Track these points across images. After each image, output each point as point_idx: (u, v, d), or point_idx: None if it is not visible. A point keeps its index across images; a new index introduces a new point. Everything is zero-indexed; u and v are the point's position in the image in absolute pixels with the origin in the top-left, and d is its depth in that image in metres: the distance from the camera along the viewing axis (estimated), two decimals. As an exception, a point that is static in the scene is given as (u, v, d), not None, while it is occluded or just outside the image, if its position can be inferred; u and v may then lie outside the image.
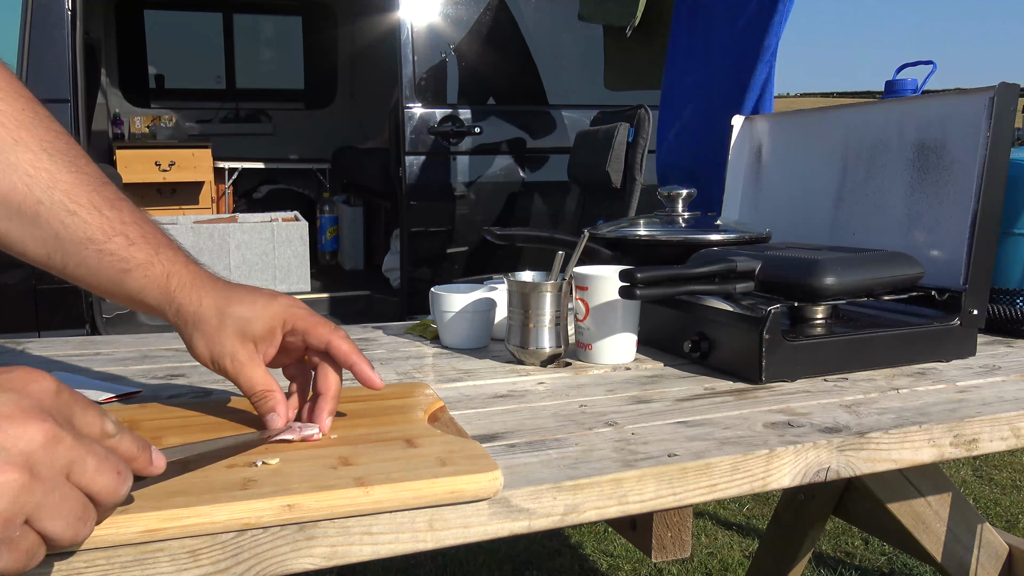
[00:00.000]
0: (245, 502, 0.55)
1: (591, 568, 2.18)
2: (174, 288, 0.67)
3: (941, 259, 1.07)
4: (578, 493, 0.64)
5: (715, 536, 2.35)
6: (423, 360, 1.04)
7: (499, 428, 0.77)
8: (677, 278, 0.94)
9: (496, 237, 1.32)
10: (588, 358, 1.01)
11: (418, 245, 3.28)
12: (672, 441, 0.73)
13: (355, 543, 0.58)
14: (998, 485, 2.72)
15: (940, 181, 1.09)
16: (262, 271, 3.71)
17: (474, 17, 3.32)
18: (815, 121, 1.33)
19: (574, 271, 1.01)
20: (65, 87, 2.76)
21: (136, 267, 0.66)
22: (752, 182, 1.42)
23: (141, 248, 0.66)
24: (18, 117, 0.63)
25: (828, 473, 0.74)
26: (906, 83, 1.60)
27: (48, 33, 2.75)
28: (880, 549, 2.24)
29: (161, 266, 0.67)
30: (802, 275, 0.96)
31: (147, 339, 1.15)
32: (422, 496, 0.58)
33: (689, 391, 0.89)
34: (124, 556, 0.53)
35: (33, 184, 0.63)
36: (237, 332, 0.68)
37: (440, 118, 3.21)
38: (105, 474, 0.46)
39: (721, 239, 1.16)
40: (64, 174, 0.64)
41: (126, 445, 0.50)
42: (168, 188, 4.87)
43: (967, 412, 0.82)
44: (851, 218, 1.22)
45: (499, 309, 1.10)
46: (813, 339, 0.96)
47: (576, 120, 3.31)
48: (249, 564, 0.56)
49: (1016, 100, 1.03)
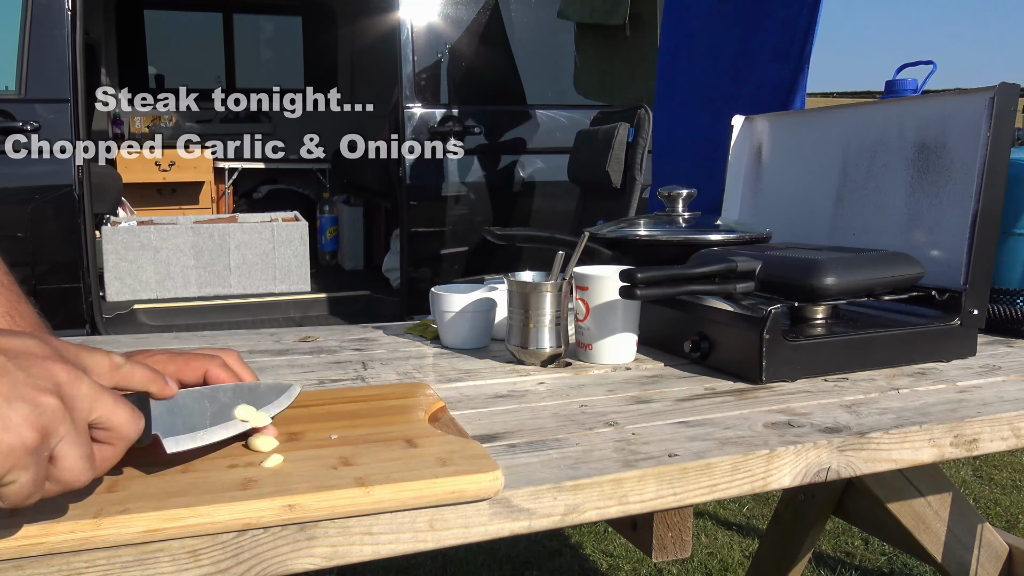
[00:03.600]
0: (246, 502, 0.55)
1: (591, 568, 2.18)
2: None
3: (941, 259, 1.07)
4: (578, 493, 0.64)
5: (715, 536, 2.35)
6: (423, 360, 1.04)
7: (499, 428, 0.77)
8: (677, 278, 0.94)
9: (496, 237, 1.32)
10: (588, 358, 1.01)
11: (418, 245, 3.28)
12: (672, 441, 0.73)
13: (355, 543, 0.58)
14: (998, 485, 2.72)
15: (940, 181, 1.09)
16: (262, 271, 3.71)
17: (474, 17, 3.33)
18: (815, 121, 1.33)
19: (574, 271, 1.01)
20: (65, 87, 2.76)
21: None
22: (752, 182, 1.42)
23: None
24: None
25: (828, 473, 0.74)
26: (906, 83, 1.60)
27: (48, 33, 2.75)
28: (880, 549, 2.24)
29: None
30: (802, 275, 0.96)
31: (147, 339, 1.15)
32: (423, 496, 0.58)
33: (689, 391, 0.89)
34: (125, 556, 0.53)
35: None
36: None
37: (440, 118, 3.21)
38: (122, 407, 0.50)
39: (721, 239, 1.16)
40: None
41: (139, 372, 0.55)
42: (168, 188, 4.87)
43: (967, 412, 0.82)
44: (851, 218, 1.22)
45: (499, 309, 1.10)
46: (813, 339, 0.95)
47: (576, 120, 3.31)
48: (250, 564, 0.56)
49: (1016, 100, 1.03)
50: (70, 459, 0.47)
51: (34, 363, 0.47)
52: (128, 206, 4.27)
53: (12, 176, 2.72)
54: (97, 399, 0.49)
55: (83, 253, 2.84)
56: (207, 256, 3.63)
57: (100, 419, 0.49)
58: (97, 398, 0.49)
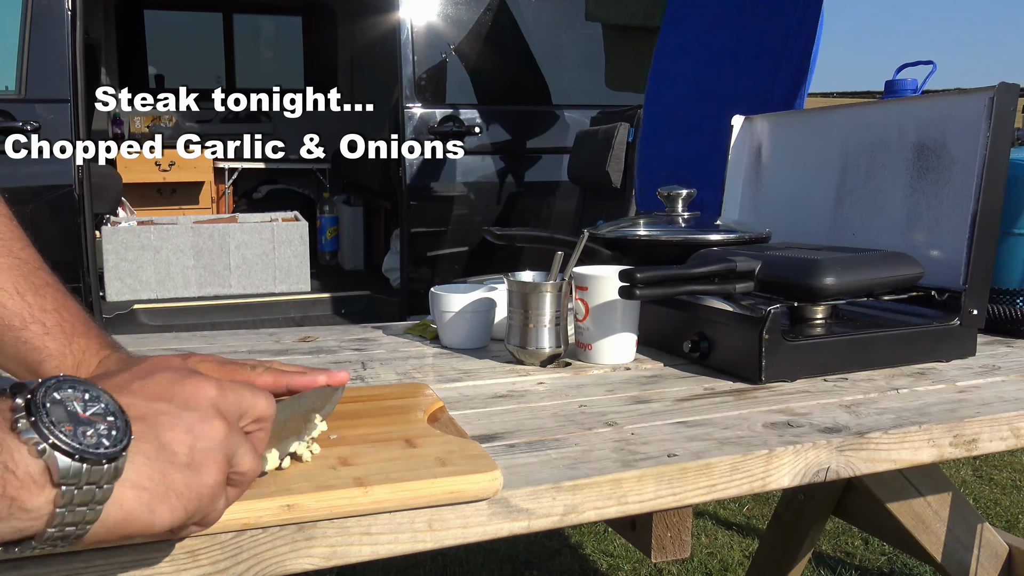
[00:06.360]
0: (244, 502, 0.55)
1: (591, 568, 2.18)
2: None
3: (941, 259, 1.07)
4: (577, 493, 0.64)
5: (715, 536, 2.35)
6: (423, 360, 1.04)
7: (499, 428, 0.77)
8: (677, 278, 0.94)
9: (496, 237, 1.32)
10: (588, 358, 1.01)
11: (418, 245, 3.28)
12: (672, 441, 0.73)
13: (354, 543, 0.58)
14: (998, 485, 2.72)
15: (940, 181, 1.09)
16: (262, 271, 3.71)
17: (474, 17, 3.32)
18: (815, 121, 1.33)
19: (574, 271, 1.01)
20: (65, 87, 2.76)
21: (48, 358, 0.65)
22: (752, 182, 1.42)
23: (55, 338, 0.66)
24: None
25: (828, 473, 0.74)
26: (906, 83, 1.60)
27: (48, 33, 2.75)
28: (880, 549, 2.24)
29: (72, 357, 0.66)
30: (802, 275, 0.96)
31: (147, 339, 1.15)
32: (421, 496, 0.58)
33: (689, 391, 0.89)
34: (123, 557, 0.53)
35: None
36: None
37: (440, 118, 3.21)
38: (260, 398, 0.52)
39: (721, 239, 1.16)
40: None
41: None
42: (168, 188, 4.87)
43: (967, 412, 0.82)
44: (851, 218, 1.22)
45: (499, 309, 1.10)
46: (813, 339, 0.95)
47: (576, 120, 3.31)
48: (248, 564, 0.56)
49: (1016, 100, 1.03)
50: (246, 463, 0.49)
51: (187, 396, 0.48)
52: (128, 206, 4.27)
53: (12, 176, 2.72)
54: (241, 402, 0.51)
55: (83, 253, 2.84)
56: (207, 256, 3.63)
57: (249, 411, 0.51)
58: (240, 401, 0.51)
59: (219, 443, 0.47)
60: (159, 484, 0.44)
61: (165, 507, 0.44)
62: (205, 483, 0.46)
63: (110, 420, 0.43)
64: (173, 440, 0.45)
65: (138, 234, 3.55)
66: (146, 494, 0.43)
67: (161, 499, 0.44)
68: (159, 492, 0.44)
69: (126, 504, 0.42)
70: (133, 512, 0.43)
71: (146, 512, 0.43)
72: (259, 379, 0.67)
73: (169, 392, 0.48)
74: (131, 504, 0.43)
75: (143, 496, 0.43)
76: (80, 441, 0.41)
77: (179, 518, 0.45)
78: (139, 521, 0.43)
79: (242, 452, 0.49)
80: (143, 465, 0.43)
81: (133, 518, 0.43)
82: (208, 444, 0.46)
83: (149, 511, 0.43)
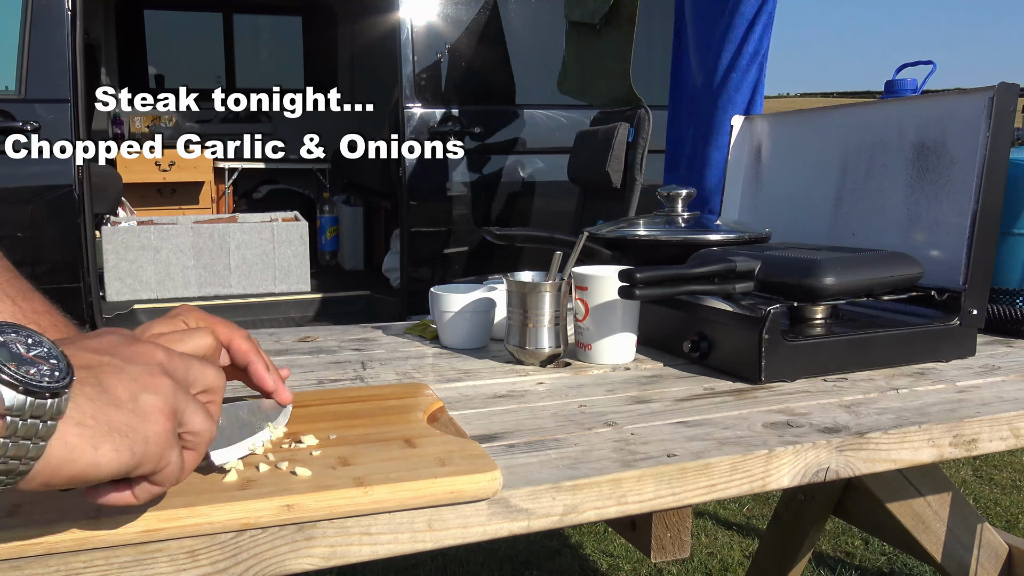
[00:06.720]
0: (244, 502, 0.55)
1: (591, 568, 2.18)
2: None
3: (941, 259, 1.07)
4: (577, 493, 0.64)
5: (715, 536, 2.35)
6: (423, 360, 1.04)
7: (498, 428, 0.77)
8: (677, 278, 0.94)
9: (496, 237, 1.32)
10: (588, 358, 1.01)
11: (418, 245, 3.28)
12: (671, 441, 0.73)
13: (354, 543, 0.58)
14: (998, 485, 2.72)
15: (940, 181, 1.09)
16: (262, 271, 3.71)
17: (474, 17, 3.32)
18: (815, 121, 1.33)
19: (573, 271, 1.01)
20: (65, 87, 2.76)
21: None
22: (752, 182, 1.42)
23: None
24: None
25: (827, 473, 0.74)
26: (906, 83, 1.60)
27: (48, 33, 2.75)
28: (880, 549, 2.24)
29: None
30: (802, 275, 0.96)
31: (147, 339, 1.15)
32: (421, 496, 0.58)
33: (689, 391, 0.89)
34: (123, 556, 0.53)
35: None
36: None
37: (440, 118, 3.21)
38: (209, 368, 0.54)
39: (721, 239, 1.16)
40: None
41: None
42: (168, 188, 4.87)
43: (967, 412, 0.82)
44: (851, 218, 1.22)
45: (499, 309, 1.10)
46: (813, 339, 0.95)
47: (576, 120, 3.31)
48: (248, 564, 0.56)
49: (1016, 100, 1.03)
50: (196, 423, 0.50)
51: (132, 353, 0.49)
52: (128, 206, 4.27)
53: (12, 176, 2.72)
54: (190, 368, 0.52)
55: (83, 253, 2.84)
56: (207, 256, 3.63)
57: (197, 380, 0.53)
58: (190, 367, 0.52)
59: (165, 395, 0.48)
60: (102, 423, 0.45)
61: (108, 444, 0.45)
62: (151, 428, 0.47)
63: (52, 362, 0.44)
64: (116, 384, 0.47)
65: (138, 234, 3.55)
66: (88, 431, 0.44)
67: (104, 436, 0.45)
68: (102, 430, 0.45)
69: (69, 439, 0.43)
70: (77, 448, 0.44)
71: (90, 448, 0.44)
72: (221, 331, 0.67)
73: (115, 348, 0.50)
74: (74, 440, 0.44)
75: (85, 432, 0.44)
76: (24, 376, 0.42)
77: (125, 459, 0.45)
78: (83, 458, 0.44)
79: (191, 410, 0.50)
80: (85, 404, 0.45)
81: (78, 455, 0.44)
82: (153, 394, 0.47)
83: (92, 447, 0.44)
